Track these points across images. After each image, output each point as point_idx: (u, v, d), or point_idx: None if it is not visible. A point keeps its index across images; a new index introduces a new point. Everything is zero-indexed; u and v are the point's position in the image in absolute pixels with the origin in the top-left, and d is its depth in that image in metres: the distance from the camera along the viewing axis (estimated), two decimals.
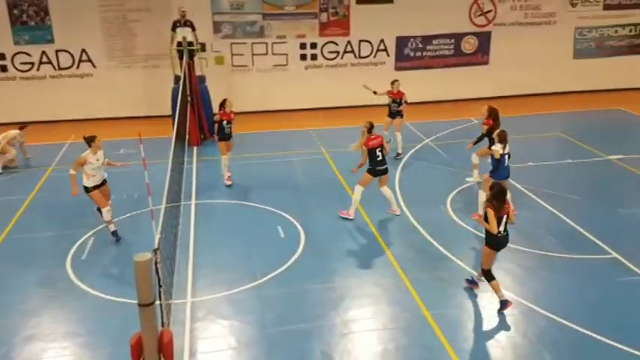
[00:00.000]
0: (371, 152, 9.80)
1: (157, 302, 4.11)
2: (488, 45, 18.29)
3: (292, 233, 9.64)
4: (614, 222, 9.81)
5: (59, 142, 14.48)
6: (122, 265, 8.60)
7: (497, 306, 7.46)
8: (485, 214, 7.12)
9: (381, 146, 9.84)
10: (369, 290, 8.04)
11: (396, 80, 13.10)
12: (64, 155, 13.63)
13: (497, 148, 9.33)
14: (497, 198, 7.06)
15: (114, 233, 9.34)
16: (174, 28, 14.78)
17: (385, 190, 10.14)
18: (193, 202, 10.95)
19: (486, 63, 18.45)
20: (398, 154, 13.10)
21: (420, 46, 18.03)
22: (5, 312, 7.63)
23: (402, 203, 10.71)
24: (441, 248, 9.04)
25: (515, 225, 7.96)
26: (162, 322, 4.33)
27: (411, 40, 17.92)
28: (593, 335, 6.85)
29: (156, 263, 4.08)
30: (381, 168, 9.91)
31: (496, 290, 7.38)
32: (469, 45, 18.25)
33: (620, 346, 6.64)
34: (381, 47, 17.84)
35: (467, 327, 7.21)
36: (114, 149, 12.67)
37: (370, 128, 9.88)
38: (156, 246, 4.44)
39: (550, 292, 7.91)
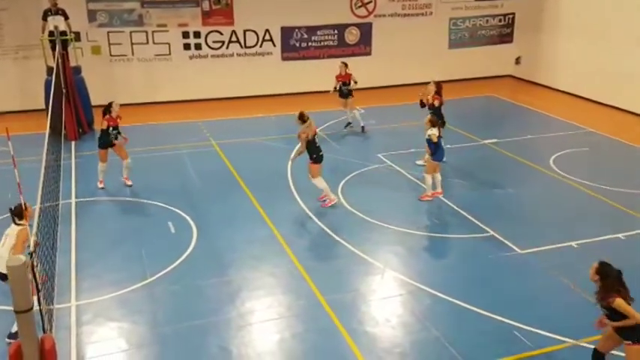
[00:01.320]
0: (310, 141, 9.99)
1: (36, 308, 3.87)
2: (370, 36, 18.89)
3: (184, 228, 9.44)
4: (490, 202, 10.60)
5: None
6: None
7: (389, 286, 7.84)
8: (611, 306, 5.44)
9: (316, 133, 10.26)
10: (264, 281, 8.09)
11: (343, 63, 14.26)
12: None
13: (435, 132, 10.09)
14: (621, 282, 5.49)
15: None
16: (45, 17, 13.75)
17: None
18: (73, 200, 10.34)
19: (369, 54, 19.06)
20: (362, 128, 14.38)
21: (305, 36, 18.24)
22: None
23: (294, 193, 10.86)
24: (334, 235, 9.27)
25: (405, 209, 8.35)
26: (44, 329, 4.08)
27: (296, 30, 18.08)
28: (472, 308, 7.39)
29: (32, 267, 3.83)
30: (322, 153, 10.19)
31: None
32: (352, 36, 18.78)
33: (494, 316, 7.23)
34: (267, 37, 17.85)
35: (360, 310, 7.48)
36: None
37: (305, 118, 10.11)
38: (32, 249, 4.16)
39: (433, 271, 8.45)
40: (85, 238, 9.04)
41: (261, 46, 17.86)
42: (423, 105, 11.99)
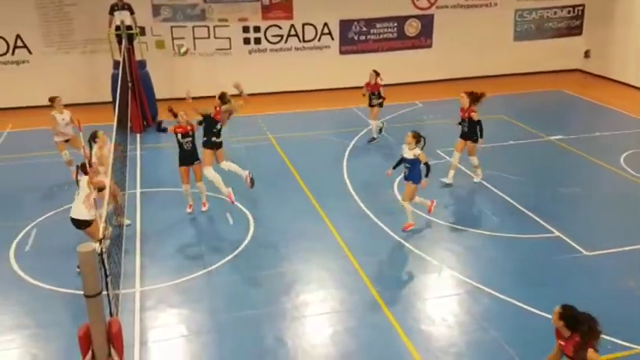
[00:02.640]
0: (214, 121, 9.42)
1: (104, 292, 4.04)
2: (431, 28, 18.57)
3: (241, 220, 9.61)
4: (556, 201, 10.21)
5: None
6: (67, 256, 8.29)
7: (446, 284, 7.70)
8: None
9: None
10: (318, 274, 8.13)
11: (374, 71, 12.95)
12: (2, 145, 13.02)
13: (421, 151, 8.77)
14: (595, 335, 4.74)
15: None
16: (111, 12, 14.29)
17: (225, 165, 9.86)
18: (138, 190, 10.72)
19: (430, 46, 18.76)
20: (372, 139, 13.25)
21: (364, 29, 18.13)
22: None
23: (350, 188, 10.85)
24: (389, 231, 9.20)
25: (464, 207, 8.10)
26: (111, 312, 4.26)
27: (355, 23, 17.99)
28: (532, 309, 7.16)
29: (101, 253, 4.00)
30: (217, 140, 9.56)
31: None
32: (412, 28, 18.51)
33: None
34: (325, 31, 17.86)
35: (416, 307, 7.40)
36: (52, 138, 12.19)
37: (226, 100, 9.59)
38: (100, 236, 4.35)
39: (492, 271, 8.22)
40: (148, 226, 9.36)
41: (319, 40, 17.90)
42: (461, 122, 10.61)
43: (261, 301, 7.46)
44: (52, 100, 10.76)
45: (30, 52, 15.90)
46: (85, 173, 7.43)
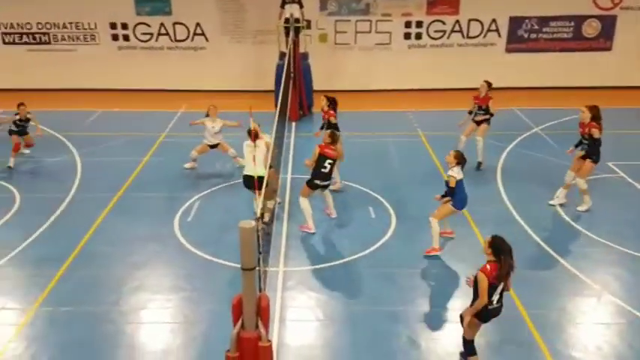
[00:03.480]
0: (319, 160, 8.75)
1: (256, 268, 4.32)
2: (612, 30, 16.95)
3: (383, 215, 9.63)
4: None
5: (171, 111, 15.35)
6: (225, 230, 8.98)
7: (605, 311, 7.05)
8: (476, 278, 5.68)
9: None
10: (460, 280, 7.86)
11: (485, 82, 11.34)
12: (175, 124, 14.45)
13: (456, 173, 8.00)
14: (505, 253, 5.60)
15: None
16: (283, 5, 15.06)
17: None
18: (289, 175, 11.22)
19: (609, 49, 17.14)
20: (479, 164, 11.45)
21: (536, 27, 17.07)
22: (115, 263, 8.31)
23: (502, 192, 10.33)
24: (545, 245, 8.59)
25: (624, 224, 7.28)
26: (260, 287, 4.54)
27: (526, 21, 17.01)
28: None
29: (257, 231, 4.26)
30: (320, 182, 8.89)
31: None
32: (591, 29, 17.03)
33: None
34: (492, 27, 17.11)
35: (567, 331, 6.87)
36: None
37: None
38: (258, 214, 4.64)
39: None
40: (296, 211, 9.76)
41: (484, 37, 17.21)
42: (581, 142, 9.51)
43: (397, 299, 7.43)
44: (208, 109, 11.16)
45: (207, 39, 17.35)
46: (257, 137, 8.63)
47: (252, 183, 8.01)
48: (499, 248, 5.64)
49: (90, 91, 17.01)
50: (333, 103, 10.47)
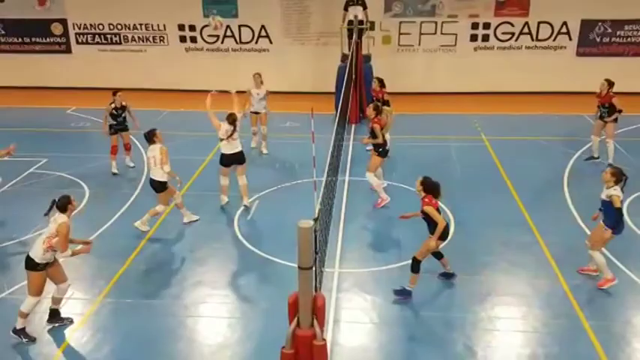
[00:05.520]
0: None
1: (313, 267, 4.38)
2: None
3: None
4: None
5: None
6: (282, 230, 9.07)
7: None
8: (425, 211, 7.17)
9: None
10: (520, 289, 7.67)
11: (606, 80, 11.16)
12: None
13: (618, 192, 7.30)
14: (434, 191, 7.22)
15: None
16: (346, 7, 15.12)
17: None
18: (347, 177, 11.25)
19: None
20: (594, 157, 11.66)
21: (609, 31, 16.37)
22: (178, 259, 8.63)
23: (568, 199, 9.96)
24: (611, 257, 8.17)
25: None
26: (316, 287, 4.60)
27: (599, 24, 16.33)
28: None
29: (315, 231, 4.32)
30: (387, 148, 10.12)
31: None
32: None
33: None
34: (563, 30, 16.53)
35: (631, 345, 6.57)
36: (280, 122, 13.47)
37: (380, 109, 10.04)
38: (316, 215, 4.70)
39: None
40: (353, 213, 9.79)
41: (554, 40, 16.65)
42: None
43: (453, 306, 7.33)
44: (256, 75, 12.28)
45: (271, 41, 17.66)
46: (152, 142, 9.34)
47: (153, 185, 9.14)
48: (428, 185, 7.20)
49: (158, 91, 17.66)
50: (382, 83, 12.09)
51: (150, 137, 9.25)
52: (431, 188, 7.19)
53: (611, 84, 11.12)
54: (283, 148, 12.72)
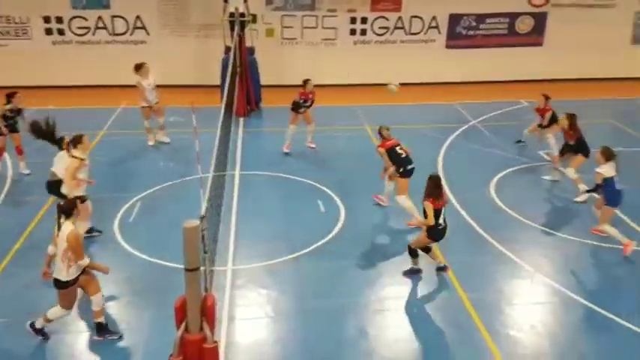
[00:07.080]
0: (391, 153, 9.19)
1: (202, 268, 4.27)
2: (543, 26, 17.78)
3: (332, 209, 9.72)
4: None
5: (111, 107, 14.88)
6: (168, 230, 8.79)
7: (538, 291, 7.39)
8: (424, 208, 7.34)
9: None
10: (406, 269, 8.05)
11: (543, 95, 11.62)
12: (115, 120, 14.04)
13: (605, 169, 8.23)
14: (434, 192, 7.36)
15: None
16: None
17: None
18: (237, 172, 11.14)
19: (540, 44, 17.94)
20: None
21: (474, 24, 17.62)
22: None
23: (445, 185, 10.59)
24: (481, 231, 8.96)
25: (562, 212, 7.63)
26: (205, 287, 4.50)
27: (465, 17, 17.52)
28: (632, 327, 6.74)
29: (202, 230, 4.22)
30: (410, 166, 9.15)
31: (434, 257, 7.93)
32: (524, 25, 17.79)
33: None
34: (433, 24, 17.53)
35: (504, 312, 7.20)
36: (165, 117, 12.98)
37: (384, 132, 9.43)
38: (203, 214, 4.58)
39: (591, 282, 7.84)
40: (244, 208, 9.71)
41: (425, 33, 17.59)
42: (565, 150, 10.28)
43: (345, 291, 7.55)
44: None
45: (148, 33, 16.90)
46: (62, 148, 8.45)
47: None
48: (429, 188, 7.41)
49: (23, 88, 16.21)
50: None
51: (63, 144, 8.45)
52: (430, 191, 7.40)
53: (547, 98, 11.61)
54: (167, 146, 12.31)
